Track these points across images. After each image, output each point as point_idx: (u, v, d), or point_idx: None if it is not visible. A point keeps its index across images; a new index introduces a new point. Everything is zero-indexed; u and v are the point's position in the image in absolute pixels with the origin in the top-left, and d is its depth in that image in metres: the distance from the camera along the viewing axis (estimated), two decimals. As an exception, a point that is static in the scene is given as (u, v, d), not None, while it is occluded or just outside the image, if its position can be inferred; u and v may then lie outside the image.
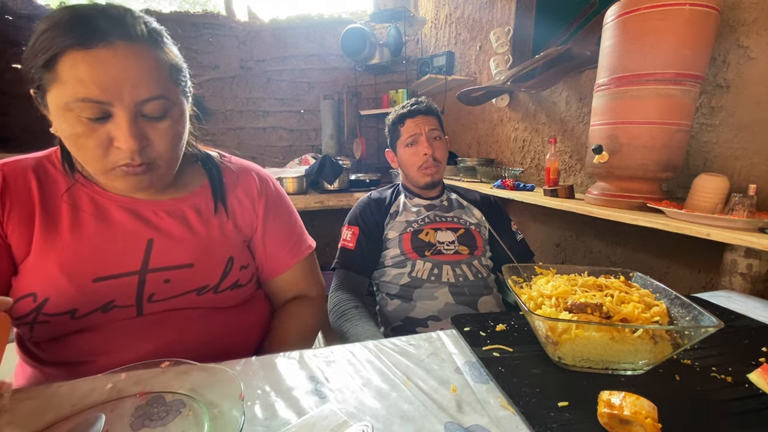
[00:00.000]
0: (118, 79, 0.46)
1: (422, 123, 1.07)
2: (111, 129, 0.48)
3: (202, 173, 0.66)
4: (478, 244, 1.04)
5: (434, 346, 0.56)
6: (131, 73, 0.47)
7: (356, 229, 1.05)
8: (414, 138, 1.07)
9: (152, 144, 0.51)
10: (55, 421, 0.37)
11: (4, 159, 0.56)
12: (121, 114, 0.47)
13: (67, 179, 0.57)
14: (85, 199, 0.56)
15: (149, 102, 0.49)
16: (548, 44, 1.60)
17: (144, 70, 0.48)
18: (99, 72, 0.45)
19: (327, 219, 1.81)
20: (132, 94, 0.47)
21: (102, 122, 0.47)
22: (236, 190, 0.67)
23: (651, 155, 0.93)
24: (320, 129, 2.72)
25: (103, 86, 0.45)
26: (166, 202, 0.60)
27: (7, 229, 0.52)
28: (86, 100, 0.45)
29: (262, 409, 0.41)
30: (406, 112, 1.09)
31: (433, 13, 2.62)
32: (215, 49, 2.53)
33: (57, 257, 0.53)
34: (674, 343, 0.46)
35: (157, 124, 0.51)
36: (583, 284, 0.56)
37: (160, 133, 0.51)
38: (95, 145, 0.48)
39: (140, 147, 0.49)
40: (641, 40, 0.90)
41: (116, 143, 0.48)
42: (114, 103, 0.47)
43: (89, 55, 0.45)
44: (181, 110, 0.55)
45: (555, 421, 0.39)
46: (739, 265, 0.85)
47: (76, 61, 0.45)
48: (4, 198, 0.53)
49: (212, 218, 0.63)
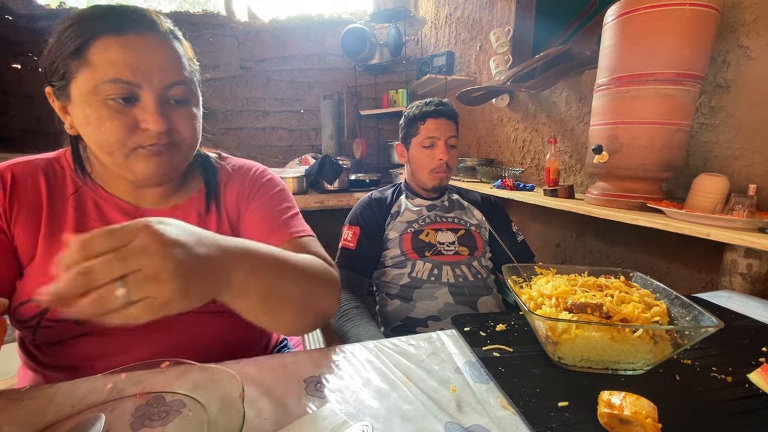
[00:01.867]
0: (148, 62, 0.49)
1: (444, 127, 1.04)
2: (137, 112, 0.49)
3: (200, 177, 0.66)
4: (478, 244, 1.04)
5: (434, 346, 0.56)
6: (160, 58, 0.50)
7: (357, 228, 1.05)
8: (432, 141, 1.04)
9: (176, 127, 0.53)
10: (55, 421, 0.37)
11: (16, 159, 0.56)
12: (148, 97, 0.49)
13: (75, 182, 0.57)
14: (90, 204, 0.57)
15: (175, 86, 0.51)
16: (548, 44, 1.60)
17: (171, 57, 0.51)
18: (131, 55, 0.48)
19: (327, 219, 1.81)
20: (161, 78, 0.50)
21: (128, 105, 0.49)
22: (230, 189, 0.66)
23: (651, 155, 0.93)
24: (320, 129, 2.72)
25: (134, 68, 0.48)
26: (167, 210, 0.60)
27: (14, 231, 0.52)
28: (117, 81, 0.47)
29: (262, 409, 0.41)
30: (431, 111, 1.04)
31: (433, 13, 2.62)
32: (215, 49, 2.53)
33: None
34: (674, 343, 0.46)
35: (181, 109, 0.53)
36: (583, 284, 0.56)
37: (183, 118, 0.53)
38: (119, 126, 0.49)
39: (167, 128, 0.51)
40: (641, 40, 0.90)
41: (144, 125, 0.50)
42: (143, 85, 0.48)
43: (122, 39, 0.47)
44: (198, 100, 0.57)
45: (555, 421, 0.39)
46: (739, 265, 0.85)
47: (109, 45, 0.47)
48: (12, 200, 0.53)
49: (210, 224, 0.63)
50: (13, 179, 0.53)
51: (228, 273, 0.38)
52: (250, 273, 0.40)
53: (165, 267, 0.30)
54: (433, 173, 1.06)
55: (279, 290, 0.45)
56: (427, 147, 1.05)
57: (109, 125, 0.48)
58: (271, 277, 0.43)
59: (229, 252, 0.38)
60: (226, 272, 0.37)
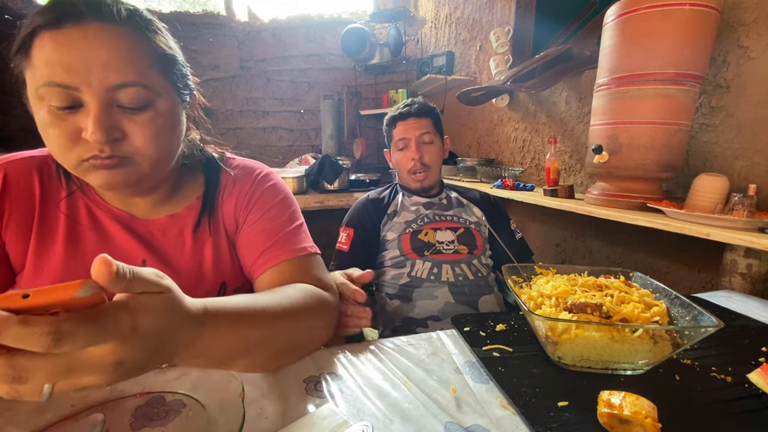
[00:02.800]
0: (85, 59, 0.41)
1: (413, 127, 1.07)
2: (80, 119, 0.43)
3: (200, 182, 0.61)
4: (477, 243, 1.04)
5: (434, 346, 0.56)
6: (101, 54, 0.42)
7: (351, 231, 1.06)
8: (404, 143, 1.08)
9: (128, 137, 0.45)
10: (55, 421, 0.37)
11: (11, 155, 0.53)
12: (90, 101, 0.43)
13: (69, 184, 0.54)
14: (82, 210, 0.54)
15: (123, 88, 0.44)
16: (548, 44, 1.60)
17: (117, 52, 0.43)
18: (65, 52, 0.41)
19: (327, 219, 1.81)
20: (101, 78, 0.42)
21: (71, 112, 0.43)
22: (229, 196, 0.61)
23: (651, 155, 0.93)
24: (320, 129, 2.72)
25: (68, 67, 0.41)
26: (161, 220, 0.57)
27: (5, 237, 0.50)
28: (52, 84, 0.41)
29: (262, 408, 0.41)
30: (397, 115, 1.09)
31: (433, 13, 2.62)
32: (215, 49, 2.52)
33: (51, 274, 0.51)
34: (674, 343, 0.46)
35: (136, 115, 0.45)
36: (583, 284, 0.56)
37: (138, 126, 0.45)
38: (61, 135, 0.43)
39: (109, 138, 0.44)
40: (641, 40, 0.90)
41: (83, 134, 0.43)
42: (82, 88, 0.42)
43: (57, 34, 0.41)
44: (170, 104, 0.49)
45: (555, 421, 0.39)
46: (739, 265, 0.85)
47: (45, 41, 0.41)
48: (4, 204, 0.50)
49: (207, 235, 0.59)
50: (6, 181, 0.50)
51: (185, 360, 0.34)
52: (217, 356, 0.37)
53: (104, 381, 0.26)
54: (411, 174, 1.08)
55: (252, 353, 0.41)
56: (401, 150, 1.09)
57: (51, 133, 0.43)
58: (246, 347, 0.40)
59: (195, 350, 0.33)
60: (184, 360, 0.34)
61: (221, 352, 0.37)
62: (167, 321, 0.29)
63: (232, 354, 0.39)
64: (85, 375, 0.25)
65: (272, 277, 0.56)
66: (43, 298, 0.23)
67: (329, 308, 0.54)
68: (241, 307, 0.39)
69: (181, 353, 0.32)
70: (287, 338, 0.46)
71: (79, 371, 0.25)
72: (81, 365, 0.25)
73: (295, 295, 0.48)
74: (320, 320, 0.52)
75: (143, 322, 0.27)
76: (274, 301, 0.44)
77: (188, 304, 0.32)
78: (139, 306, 0.27)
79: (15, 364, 0.23)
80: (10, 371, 0.23)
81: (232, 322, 0.37)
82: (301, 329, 0.48)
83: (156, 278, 0.29)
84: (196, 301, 0.34)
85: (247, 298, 0.41)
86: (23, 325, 0.22)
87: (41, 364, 0.23)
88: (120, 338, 0.26)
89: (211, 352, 0.36)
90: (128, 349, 0.26)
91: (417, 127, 1.07)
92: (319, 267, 0.59)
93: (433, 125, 1.09)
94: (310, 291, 0.51)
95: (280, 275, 0.55)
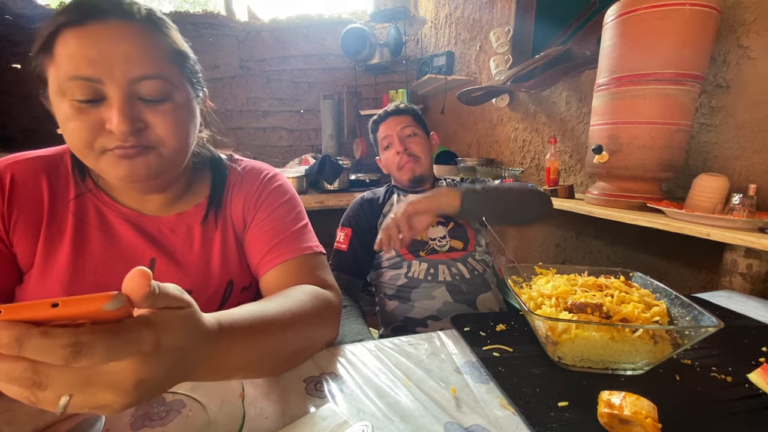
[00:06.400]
0: (109, 53, 0.43)
1: (393, 124, 1.09)
2: (103, 112, 0.45)
3: (208, 181, 0.62)
4: (468, 235, 1.04)
5: (434, 346, 0.56)
6: (124, 48, 0.44)
7: (349, 230, 1.06)
8: (388, 140, 1.10)
9: (152, 128, 0.47)
10: (55, 421, 0.37)
11: (18, 155, 0.53)
12: (113, 93, 0.44)
13: (77, 184, 0.54)
14: (91, 210, 0.54)
15: (145, 81, 0.45)
16: (548, 44, 1.60)
17: (139, 46, 0.45)
18: (89, 46, 0.43)
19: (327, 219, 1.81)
20: (124, 70, 0.44)
21: (94, 105, 0.44)
22: (237, 197, 0.62)
23: (651, 155, 0.93)
24: (320, 129, 2.72)
25: (92, 61, 0.43)
26: (171, 218, 0.58)
27: (13, 239, 0.50)
28: (76, 78, 0.43)
29: (262, 408, 0.41)
30: (377, 118, 1.13)
31: (433, 13, 2.62)
32: (215, 49, 2.53)
33: (58, 273, 0.51)
34: (674, 343, 0.46)
35: (157, 106, 0.47)
36: (583, 284, 0.56)
37: (160, 117, 0.47)
38: (83, 127, 0.44)
39: (134, 129, 0.45)
40: (641, 40, 0.90)
41: (108, 125, 0.44)
42: (105, 80, 0.43)
43: (81, 30, 0.43)
44: (187, 97, 0.51)
45: (555, 421, 0.39)
46: (739, 265, 0.85)
47: (68, 38, 0.43)
48: (12, 206, 0.50)
49: (215, 233, 0.60)
50: (13, 183, 0.51)
51: (201, 376, 0.34)
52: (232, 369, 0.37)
53: (122, 401, 0.26)
54: (400, 167, 1.09)
55: (263, 361, 0.42)
56: (386, 148, 1.12)
57: (73, 126, 0.45)
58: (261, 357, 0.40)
59: (211, 365, 0.34)
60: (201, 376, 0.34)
61: (236, 364, 0.37)
62: (188, 337, 0.29)
63: (246, 365, 0.39)
64: (103, 392, 0.25)
65: (277, 275, 0.57)
66: (71, 309, 0.23)
67: (334, 309, 0.55)
68: (252, 318, 0.39)
69: (198, 370, 0.32)
70: (297, 343, 0.47)
71: (97, 386, 0.25)
72: (100, 380, 0.25)
73: (302, 299, 0.49)
74: (326, 322, 0.53)
75: (166, 338, 0.27)
76: (283, 308, 0.44)
77: (205, 320, 0.32)
78: (162, 322, 0.27)
79: (38, 368, 0.23)
80: (32, 375, 0.23)
81: (245, 333, 0.37)
82: (309, 333, 0.49)
83: (179, 293, 0.29)
84: (209, 316, 0.34)
85: (257, 307, 0.41)
86: (44, 336, 0.22)
87: (61, 373, 0.24)
88: (142, 355, 0.25)
89: (227, 367, 0.36)
90: (149, 366, 0.26)
91: (396, 123, 1.09)
92: (324, 267, 0.61)
93: (413, 120, 1.11)
94: (316, 293, 0.52)
95: (285, 273, 0.57)
